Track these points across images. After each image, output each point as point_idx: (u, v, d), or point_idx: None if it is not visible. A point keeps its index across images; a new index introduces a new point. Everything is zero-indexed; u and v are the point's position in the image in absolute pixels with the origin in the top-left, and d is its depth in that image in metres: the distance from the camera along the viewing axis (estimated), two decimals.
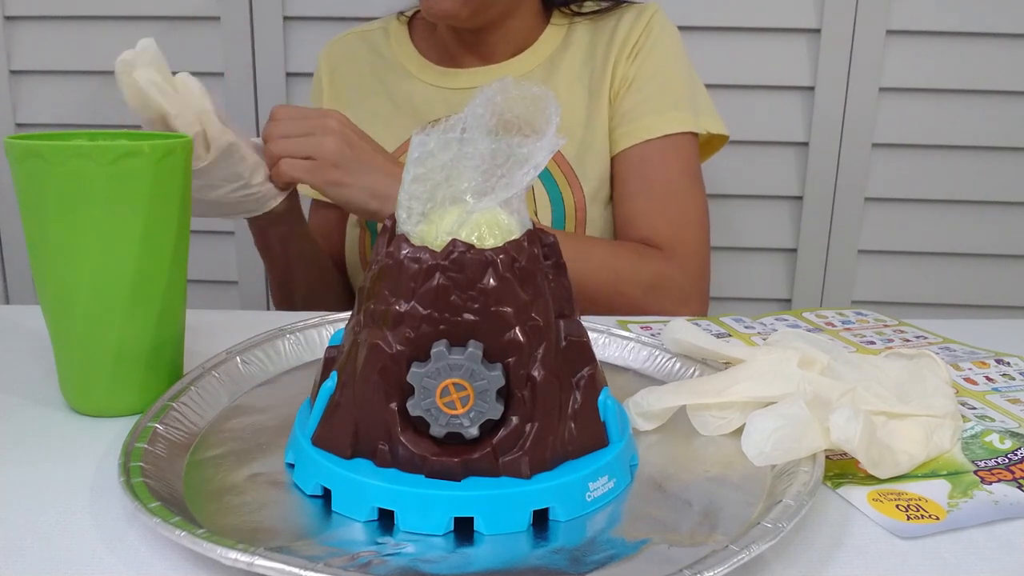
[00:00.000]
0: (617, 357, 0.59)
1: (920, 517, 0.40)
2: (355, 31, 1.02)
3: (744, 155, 1.26)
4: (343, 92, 0.98)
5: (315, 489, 0.41)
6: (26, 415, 0.51)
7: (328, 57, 1.00)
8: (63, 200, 0.46)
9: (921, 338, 0.68)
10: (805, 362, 0.49)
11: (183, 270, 0.52)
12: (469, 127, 0.41)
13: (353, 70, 0.98)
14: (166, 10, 1.23)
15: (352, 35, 1.01)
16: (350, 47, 1.00)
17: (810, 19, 1.21)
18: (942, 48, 1.22)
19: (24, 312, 0.69)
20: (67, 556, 0.36)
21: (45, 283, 0.49)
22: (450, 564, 0.36)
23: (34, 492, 0.42)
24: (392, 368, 0.39)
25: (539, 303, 0.40)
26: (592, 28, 0.94)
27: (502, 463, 0.39)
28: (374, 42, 1.00)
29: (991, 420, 0.51)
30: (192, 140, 0.51)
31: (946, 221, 1.29)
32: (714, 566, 0.33)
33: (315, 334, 0.60)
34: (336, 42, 1.01)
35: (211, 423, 0.49)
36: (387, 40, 0.99)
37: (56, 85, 1.27)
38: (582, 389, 0.42)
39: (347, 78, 0.98)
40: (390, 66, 0.97)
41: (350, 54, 0.99)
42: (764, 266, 1.32)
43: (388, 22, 1.01)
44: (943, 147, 1.26)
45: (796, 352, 0.49)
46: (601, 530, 0.39)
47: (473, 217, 0.40)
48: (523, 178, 0.40)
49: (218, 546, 0.34)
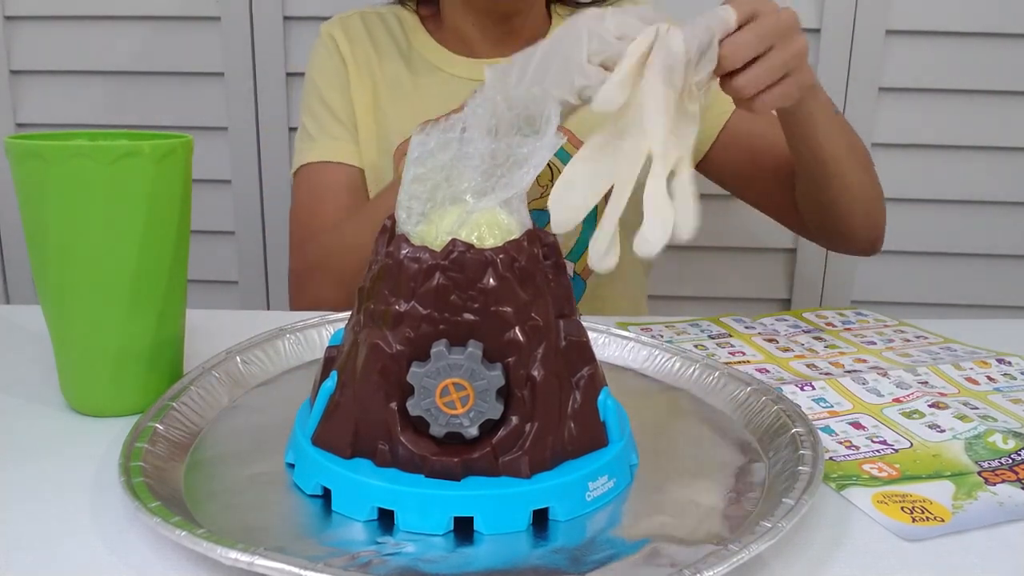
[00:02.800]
0: (617, 357, 0.59)
1: (925, 519, 0.40)
2: (356, 12, 0.96)
3: None
4: (367, 63, 0.92)
5: (315, 489, 0.41)
6: (26, 415, 0.51)
7: (344, 30, 0.94)
8: (63, 200, 0.46)
9: (921, 338, 0.68)
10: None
11: (183, 270, 0.52)
12: (469, 127, 0.41)
13: (375, 46, 0.94)
14: (166, 10, 1.23)
15: (356, 15, 0.96)
16: (366, 24, 0.95)
17: (810, 19, 1.21)
18: (942, 48, 1.22)
19: (24, 312, 0.69)
20: (67, 556, 0.36)
21: (45, 283, 0.49)
22: (450, 564, 0.36)
23: (34, 492, 0.42)
24: (392, 368, 0.39)
25: (539, 303, 0.40)
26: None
27: (502, 463, 0.39)
28: (389, 25, 0.95)
29: (993, 420, 0.51)
30: (192, 140, 0.51)
31: (946, 221, 1.29)
32: (714, 566, 0.33)
33: (315, 334, 0.60)
34: (347, 18, 0.95)
35: (211, 423, 0.49)
36: (400, 26, 0.95)
37: (56, 85, 1.27)
38: (582, 389, 0.42)
39: (369, 51, 0.93)
40: (412, 52, 0.93)
41: (367, 31, 0.94)
42: (764, 266, 1.32)
43: (394, 10, 0.97)
44: (943, 147, 1.26)
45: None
46: (601, 530, 0.39)
47: (473, 217, 0.40)
48: (523, 178, 0.40)
49: (218, 546, 0.34)
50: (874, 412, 0.52)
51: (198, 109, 1.27)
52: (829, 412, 0.52)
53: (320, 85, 0.92)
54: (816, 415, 0.52)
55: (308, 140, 0.92)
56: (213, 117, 1.27)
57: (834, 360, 0.62)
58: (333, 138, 0.91)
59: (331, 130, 0.91)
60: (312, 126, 0.92)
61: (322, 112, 0.92)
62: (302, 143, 0.93)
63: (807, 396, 0.55)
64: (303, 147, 0.92)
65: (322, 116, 0.92)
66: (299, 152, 0.93)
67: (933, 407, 0.52)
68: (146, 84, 1.27)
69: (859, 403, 0.54)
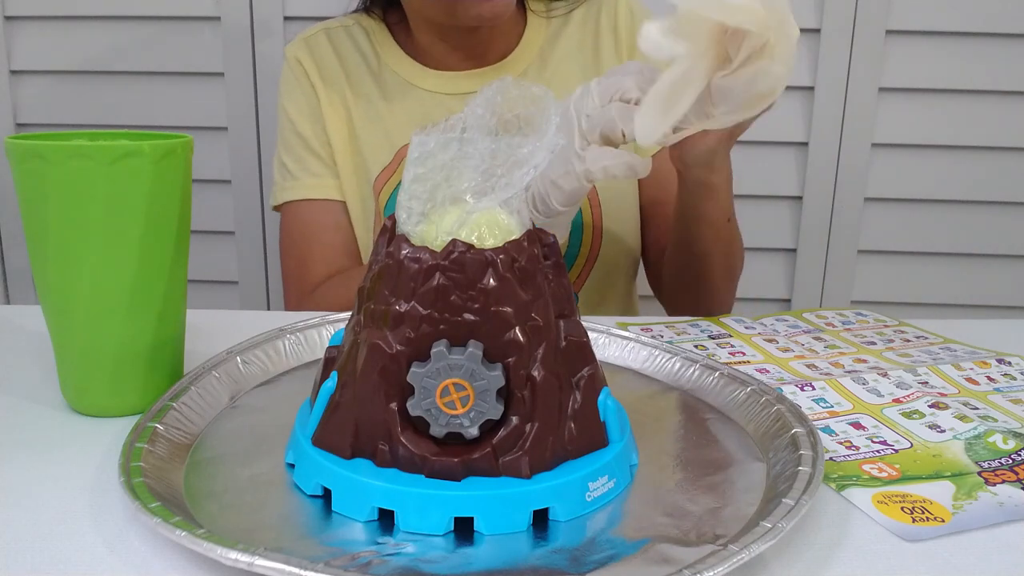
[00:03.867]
0: (617, 357, 0.59)
1: (926, 519, 0.40)
2: (321, 27, 0.93)
3: (744, 155, 1.25)
4: (338, 87, 0.91)
5: (315, 489, 0.41)
6: (26, 415, 0.51)
7: (311, 51, 0.91)
8: (63, 200, 0.46)
9: (921, 338, 0.68)
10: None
11: (183, 270, 0.52)
12: (469, 127, 0.41)
13: (343, 66, 0.91)
14: (166, 10, 1.23)
15: (321, 32, 0.93)
16: (332, 42, 0.92)
17: (810, 19, 1.21)
18: (942, 48, 1.22)
19: (24, 312, 0.69)
20: (67, 556, 0.36)
21: (45, 283, 0.49)
22: (450, 564, 0.36)
23: (34, 492, 0.42)
24: (392, 368, 0.39)
25: (539, 303, 0.40)
26: (576, 17, 0.92)
27: (502, 463, 0.39)
28: (356, 40, 0.92)
29: (993, 420, 0.51)
30: (191, 140, 0.51)
31: (946, 221, 1.29)
32: (714, 566, 0.33)
33: (315, 334, 0.60)
34: (311, 38, 0.92)
35: (211, 423, 0.49)
36: (368, 39, 0.92)
37: (56, 85, 1.27)
38: (582, 389, 0.42)
39: (338, 74, 0.91)
40: (382, 68, 0.91)
41: (334, 50, 0.92)
42: (764, 266, 1.32)
43: (358, 19, 0.94)
44: (943, 147, 1.26)
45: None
46: (601, 530, 0.39)
47: (473, 217, 0.40)
48: (523, 178, 0.40)
49: (218, 546, 0.34)
50: (874, 412, 0.52)
51: (198, 109, 1.27)
52: (829, 412, 0.52)
53: (294, 118, 0.90)
54: (816, 415, 0.52)
55: (290, 178, 0.91)
56: (213, 117, 1.27)
57: (834, 360, 0.62)
58: (313, 175, 0.90)
59: (311, 166, 0.90)
60: (291, 163, 0.91)
61: (299, 147, 0.90)
62: (284, 180, 0.91)
63: (807, 396, 0.55)
64: (285, 184, 0.91)
65: (299, 152, 0.90)
66: (281, 188, 0.92)
67: (933, 407, 0.52)
68: (146, 84, 1.27)
69: (859, 403, 0.54)
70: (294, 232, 0.91)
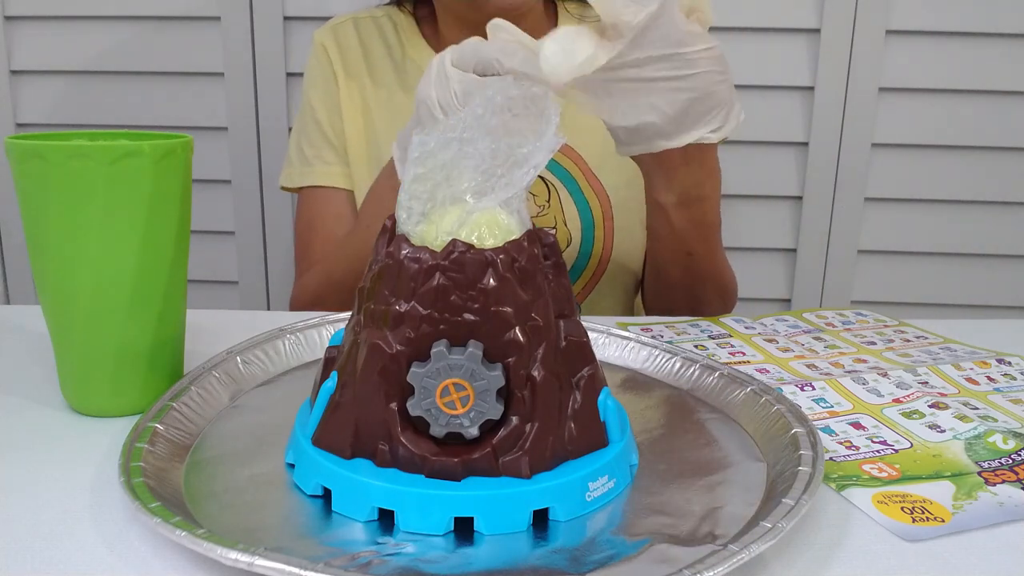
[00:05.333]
0: (617, 357, 0.59)
1: (926, 520, 0.40)
2: (350, 16, 0.95)
3: (744, 155, 1.26)
4: (358, 78, 0.92)
5: (315, 489, 0.41)
6: (26, 415, 0.51)
7: (336, 39, 0.93)
8: (63, 200, 0.46)
9: (921, 338, 0.68)
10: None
11: (183, 270, 0.52)
12: (469, 127, 0.41)
13: (366, 57, 0.93)
14: (166, 10, 1.23)
15: (349, 21, 0.95)
16: (359, 31, 0.94)
17: (810, 19, 1.21)
18: (942, 48, 1.22)
19: (24, 312, 0.69)
20: (67, 556, 0.36)
21: (45, 283, 0.49)
22: (450, 564, 0.36)
23: (34, 492, 0.42)
24: (392, 368, 0.39)
25: (539, 303, 0.40)
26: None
27: (502, 463, 0.39)
28: (383, 31, 0.94)
29: (994, 420, 0.51)
30: (191, 140, 0.51)
31: (946, 221, 1.29)
32: (714, 566, 0.33)
33: (315, 334, 0.60)
34: (339, 25, 0.94)
35: (211, 423, 0.49)
36: (395, 32, 0.94)
37: (56, 85, 1.27)
38: (582, 389, 0.42)
39: (360, 64, 0.93)
40: (405, 60, 0.92)
41: (359, 40, 0.93)
42: (764, 266, 1.32)
43: (389, 12, 0.96)
44: (943, 147, 1.26)
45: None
46: (601, 530, 0.39)
47: (473, 217, 0.40)
48: (523, 178, 0.40)
49: (218, 546, 0.34)
50: (874, 412, 0.52)
51: (198, 109, 1.27)
52: (829, 412, 0.52)
53: (314, 104, 0.93)
54: (816, 415, 0.52)
55: (305, 164, 0.93)
56: (213, 117, 1.27)
57: (834, 360, 0.62)
58: (326, 163, 0.93)
59: (324, 155, 0.93)
60: (307, 148, 0.93)
61: (316, 134, 0.93)
62: (300, 164, 0.94)
63: (807, 396, 0.55)
64: (301, 170, 0.94)
65: (316, 139, 0.93)
66: (298, 172, 0.94)
67: (933, 407, 0.52)
68: (146, 84, 1.27)
69: (859, 403, 0.54)
70: (303, 218, 0.94)
